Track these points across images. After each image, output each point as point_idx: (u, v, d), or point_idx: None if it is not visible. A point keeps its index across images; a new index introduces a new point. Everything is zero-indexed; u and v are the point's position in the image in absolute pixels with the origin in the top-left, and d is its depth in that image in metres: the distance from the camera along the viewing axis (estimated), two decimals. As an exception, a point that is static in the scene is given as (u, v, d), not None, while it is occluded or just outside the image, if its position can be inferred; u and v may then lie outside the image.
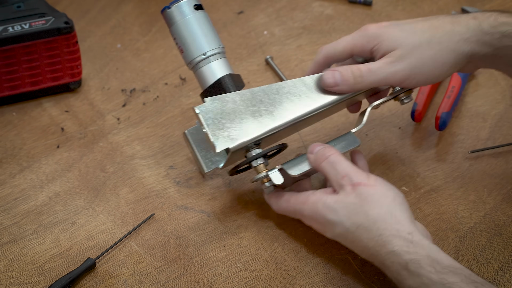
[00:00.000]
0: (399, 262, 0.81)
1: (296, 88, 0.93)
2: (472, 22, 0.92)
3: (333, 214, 0.87)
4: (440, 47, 0.91)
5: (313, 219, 0.90)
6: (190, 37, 0.94)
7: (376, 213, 0.85)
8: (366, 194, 0.86)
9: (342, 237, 0.87)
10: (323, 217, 0.88)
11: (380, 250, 0.83)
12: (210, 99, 0.90)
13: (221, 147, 0.89)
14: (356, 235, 0.85)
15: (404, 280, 0.80)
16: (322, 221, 0.88)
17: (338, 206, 0.87)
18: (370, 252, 0.84)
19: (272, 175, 0.91)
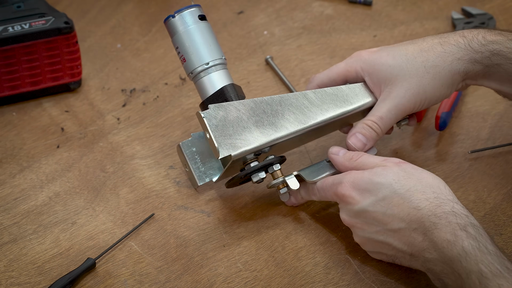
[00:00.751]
0: (457, 222, 0.80)
1: (298, 101, 0.94)
2: (461, 40, 0.94)
3: (381, 177, 0.85)
4: (436, 70, 0.94)
5: (354, 184, 0.87)
6: (193, 47, 0.94)
7: (430, 181, 0.85)
8: (412, 169, 0.86)
9: (384, 201, 0.84)
10: (368, 180, 0.86)
11: (435, 210, 0.81)
12: (214, 106, 0.90)
13: (224, 153, 0.89)
14: (405, 197, 0.83)
15: (459, 241, 0.79)
16: (365, 186, 0.86)
17: (387, 171, 0.86)
18: (420, 213, 0.82)
19: (289, 181, 0.93)
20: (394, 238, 0.85)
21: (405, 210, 0.83)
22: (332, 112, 0.95)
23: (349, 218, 0.89)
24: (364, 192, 0.86)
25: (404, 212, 0.83)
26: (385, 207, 0.84)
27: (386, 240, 0.85)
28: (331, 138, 1.07)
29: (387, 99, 0.95)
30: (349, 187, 0.87)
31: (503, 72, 0.94)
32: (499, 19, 1.26)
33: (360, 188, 0.87)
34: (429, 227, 0.81)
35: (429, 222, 0.81)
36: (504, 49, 0.92)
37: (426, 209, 0.82)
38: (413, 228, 0.83)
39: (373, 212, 0.85)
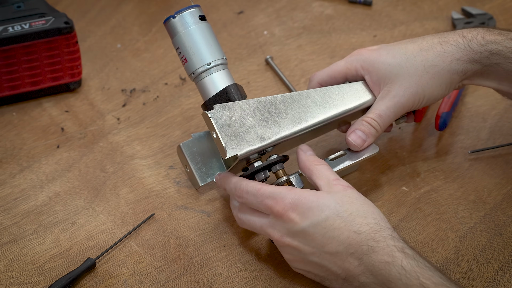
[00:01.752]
0: (395, 245, 0.80)
1: (301, 100, 0.94)
2: (461, 41, 0.95)
3: (325, 199, 0.84)
4: (435, 69, 0.94)
5: (296, 203, 0.84)
6: (194, 48, 0.94)
7: (372, 208, 0.85)
8: (356, 196, 0.86)
9: (326, 222, 0.82)
10: (311, 202, 0.84)
11: (374, 235, 0.81)
12: (219, 106, 0.91)
13: (231, 153, 0.89)
14: (347, 220, 0.82)
15: (397, 261, 0.79)
16: (307, 206, 0.84)
17: (331, 195, 0.85)
18: (360, 238, 0.81)
19: (294, 180, 0.93)
20: (329, 261, 0.83)
21: (345, 234, 0.82)
22: (334, 111, 0.96)
23: (282, 237, 0.85)
24: (306, 212, 0.84)
25: (343, 236, 0.82)
26: (325, 229, 0.83)
27: (321, 262, 0.84)
28: (331, 138, 1.07)
29: (386, 97, 0.96)
30: (290, 206, 0.84)
31: (502, 71, 0.94)
32: (499, 19, 1.26)
33: (303, 208, 0.84)
34: (366, 251, 0.81)
35: (367, 246, 0.81)
36: (503, 49, 0.93)
37: (366, 234, 0.82)
38: (350, 252, 0.82)
39: (313, 234, 0.83)
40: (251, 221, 0.89)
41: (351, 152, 0.96)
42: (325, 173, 0.89)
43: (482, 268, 0.92)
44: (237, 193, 0.89)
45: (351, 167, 0.99)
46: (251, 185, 0.88)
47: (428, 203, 0.99)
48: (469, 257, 0.93)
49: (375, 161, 1.04)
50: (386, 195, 1.00)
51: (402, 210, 0.98)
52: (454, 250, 0.94)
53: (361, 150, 0.96)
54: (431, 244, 0.94)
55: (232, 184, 0.90)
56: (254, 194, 0.87)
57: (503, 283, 0.90)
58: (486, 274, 0.91)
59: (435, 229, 0.96)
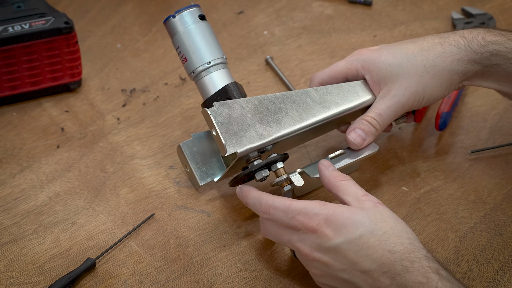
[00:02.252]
0: (430, 266, 0.79)
1: (301, 99, 0.95)
2: (461, 41, 0.95)
3: (360, 215, 0.82)
4: (436, 70, 0.94)
5: (330, 219, 0.82)
6: (194, 47, 0.94)
7: (405, 227, 0.83)
8: (389, 213, 0.84)
9: (360, 240, 0.80)
10: (346, 218, 0.81)
11: (409, 255, 0.79)
12: (219, 104, 0.91)
13: (230, 150, 0.89)
14: (381, 239, 0.80)
15: (432, 282, 0.77)
16: (343, 221, 0.81)
17: (365, 211, 0.83)
18: (393, 257, 0.79)
19: (293, 178, 0.93)
20: (360, 279, 0.81)
21: (379, 252, 0.80)
22: (334, 110, 0.96)
23: (312, 252, 0.83)
24: (340, 228, 0.81)
25: (377, 254, 0.80)
26: (359, 247, 0.80)
27: (351, 279, 0.81)
28: (331, 138, 1.07)
29: (386, 96, 0.96)
30: (323, 222, 0.82)
31: (502, 72, 0.94)
32: (499, 19, 1.26)
33: (337, 224, 0.82)
34: (400, 271, 0.79)
35: (401, 266, 0.79)
36: (504, 49, 0.93)
37: (400, 253, 0.80)
38: (383, 271, 0.80)
39: (345, 251, 0.81)
40: (279, 234, 0.86)
41: (351, 151, 0.96)
42: (352, 188, 0.86)
43: (482, 268, 0.92)
44: (263, 209, 0.86)
45: (351, 166, 0.99)
46: (279, 201, 0.85)
47: (428, 203, 0.99)
48: (469, 257, 0.93)
49: (375, 161, 1.04)
50: (386, 195, 1.00)
51: (402, 210, 0.98)
52: (454, 250, 0.94)
53: (361, 149, 0.96)
54: (431, 244, 0.94)
55: (256, 199, 0.87)
56: (284, 210, 0.84)
57: (503, 283, 0.90)
58: (486, 274, 0.91)
59: (435, 229, 0.96)
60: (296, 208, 0.83)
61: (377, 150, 0.96)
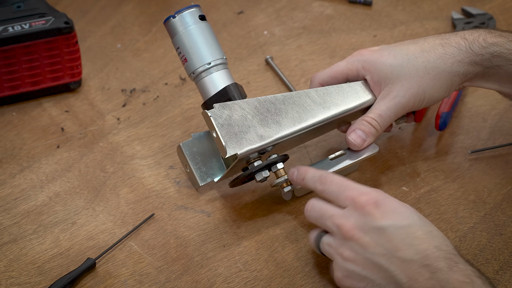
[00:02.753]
0: (473, 270, 0.78)
1: (301, 99, 0.95)
2: (462, 43, 0.95)
3: (409, 209, 0.82)
4: (436, 71, 0.95)
5: (380, 203, 0.81)
6: (194, 47, 0.94)
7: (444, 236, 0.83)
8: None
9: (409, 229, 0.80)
10: (397, 206, 0.82)
11: (454, 256, 0.79)
12: (219, 105, 0.91)
13: (231, 152, 0.89)
14: (429, 235, 0.80)
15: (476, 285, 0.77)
16: (393, 207, 0.81)
17: (413, 209, 0.83)
18: (439, 253, 0.79)
19: None
20: (398, 267, 0.79)
21: (425, 245, 0.79)
22: (334, 110, 0.96)
23: (354, 229, 0.82)
24: (389, 213, 0.81)
25: (423, 246, 0.79)
26: (406, 235, 0.79)
27: (388, 266, 0.79)
28: (331, 138, 1.07)
29: (386, 97, 0.96)
30: (374, 202, 0.82)
31: (503, 73, 0.94)
32: (499, 19, 1.26)
33: (387, 208, 0.81)
34: (442, 267, 0.77)
35: (445, 263, 0.77)
36: (505, 51, 0.93)
37: (445, 252, 0.79)
38: (425, 264, 0.78)
39: (392, 235, 0.80)
40: (323, 208, 0.85)
41: (351, 151, 0.97)
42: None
43: (482, 268, 0.92)
44: (322, 179, 0.87)
45: (351, 167, 0.99)
46: (337, 176, 0.87)
47: (428, 203, 0.99)
48: (469, 257, 0.93)
49: (375, 161, 1.04)
50: (386, 195, 1.00)
51: (402, 210, 0.98)
52: (454, 250, 0.94)
53: (361, 150, 0.96)
54: (431, 244, 0.94)
55: (316, 173, 0.89)
56: (339, 183, 0.85)
57: (503, 283, 0.90)
58: (486, 274, 0.91)
59: (435, 229, 0.96)
60: (351, 185, 0.85)
61: (377, 151, 0.96)
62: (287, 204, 0.99)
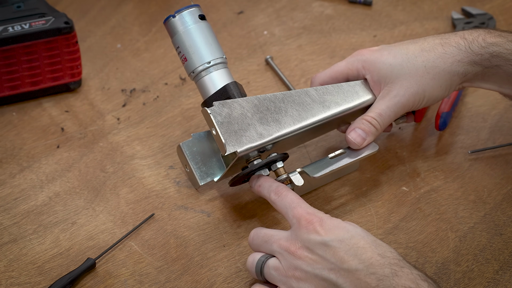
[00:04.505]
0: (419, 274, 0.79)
1: (301, 98, 0.95)
2: (462, 42, 0.95)
3: (352, 226, 0.83)
4: (436, 70, 0.95)
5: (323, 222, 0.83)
6: (194, 47, 0.94)
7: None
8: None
9: (351, 240, 0.81)
10: (339, 223, 0.83)
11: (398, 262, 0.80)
12: (218, 103, 0.91)
13: (230, 149, 0.89)
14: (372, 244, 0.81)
15: None
16: (334, 224, 0.83)
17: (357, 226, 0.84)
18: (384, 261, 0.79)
19: (294, 177, 0.93)
20: (346, 279, 0.80)
21: (369, 254, 0.80)
22: (334, 109, 0.96)
23: (302, 248, 0.83)
24: (332, 229, 0.82)
25: (367, 255, 0.80)
26: (349, 246, 0.81)
27: (337, 280, 0.80)
28: (331, 138, 1.07)
29: (386, 96, 0.96)
30: (319, 221, 0.83)
31: (502, 73, 0.94)
32: (499, 19, 1.26)
33: (330, 226, 0.83)
34: (388, 274, 0.78)
35: (390, 269, 0.79)
36: (504, 51, 0.93)
37: (390, 258, 0.80)
38: (370, 272, 0.79)
39: (336, 248, 0.81)
40: (268, 233, 0.86)
41: (351, 150, 0.97)
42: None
43: (482, 268, 0.92)
44: (277, 191, 0.89)
45: (351, 166, 1.00)
46: (292, 193, 0.88)
47: (428, 203, 0.99)
48: (469, 257, 0.93)
49: (375, 161, 1.04)
50: (386, 195, 1.00)
51: (402, 210, 0.98)
52: (454, 250, 0.94)
53: (360, 149, 0.96)
54: (431, 244, 0.94)
55: (275, 184, 0.90)
56: (291, 199, 0.87)
57: (503, 283, 0.90)
58: (486, 274, 0.91)
59: (435, 229, 0.96)
60: (301, 204, 0.86)
61: (377, 150, 0.97)
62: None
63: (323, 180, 1.01)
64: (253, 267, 0.86)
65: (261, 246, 0.86)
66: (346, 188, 1.01)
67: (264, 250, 0.86)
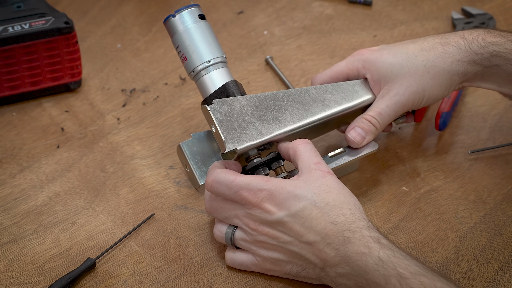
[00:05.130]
0: (371, 235, 0.81)
1: (300, 97, 0.95)
2: (461, 42, 0.95)
3: (302, 189, 0.84)
4: (436, 70, 0.95)
5: (272, 196, 0.84)
6: (193, 46, 0.94)
7: (348, 197, 0.85)
8: (334, 184, 0.85)
9: (303, 212, 0.83)
10: (288, 192, 0.84)
11: (350, 225, 0.81)
12: (218, 101, 0.91)
13: (230, 147, 0.89)
14: (323, 211, 0.82)
15: (374, 252, 0.79)
16: (284, 196, 0.84)
17: (308, 184, 0.85)
18: (336, 229, 0.81)
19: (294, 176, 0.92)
20: (307, 251, 0.83)
21: (322, 224, 0.82)
22: (333, 108, 0.96)
23: (260, 226, 0.85)
24: (282, 203, 0.84)
25: (320, 226, 0.82)
26: (303, 219, 0.83)
27: (300, 251, 0.84)
28: (331, 138, 1.07)
29: (386, 96, 0.96)
30: (266, 197, 0.84)
31: (502, 73, 0.94)
32: (499, 19, 1.26)
33: (280, 199, 0.84)
34: (342, 241, 0.81)
35: (342, 237, 0.81)
36: (504, 50, 0.93)
37: (342, 224, 0.82)
38: (327, 242, 0.82)
39: (290, 223, 0.83)
40: (225, 209, 0.88)
41: (351, 149, 0.97)
42: (307, 155, 0.88)
43: (482, 268, 0.92)
44: (208, 182, 0.88)
45: (351, 166, 1.00)
46: (223, 175, 0.87)
47: (428, 203, 0.99)
48: (469, 257, 0.93)
49: (375, 161, 1.04)
50: (386, 195, 1.00)
51: (402, 210, 0.98)
52: (454, 250, 0.94)
53: (360, 148, 0.96)
54: (431, 244, 0.94)
55: (208, 174, 0.89)
56: (227, 184, 0.86)
57: (503, 283, 0.90)
58: (486, 274, 0.91)
59: (435, 229, 0.96)
60: (240, 183, 0.85)
61: (377, 149, 0.97)
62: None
63: None
64: (223, 240, 0.89)
65: (225, 220, 0.88)
66: (346, 188, 1.01)
67: (226, 221, 0.89)
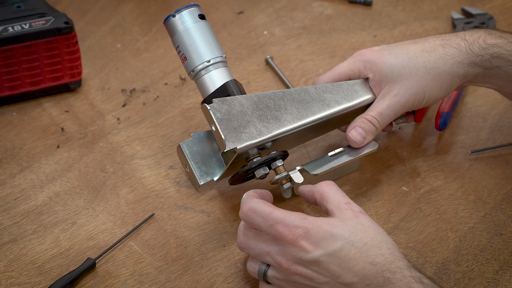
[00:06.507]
0: (412, 275, 0.78)
1: (300, 96, 0.95)
2: (462, 43, 0.95)
3: (339, 228, 0.80)
4: (437, 71, 0.95)
5: (308, 234, 0.80)
6: (193, 45, 0.94)
7: (385, 237, 0.82)
8: (369, 223, 0.82)
9: (341, 252, 0.79)
10: (325, 231, 0.80)
11: (389, 266, 0.79)
12: (218, 100, 0.91)
13: (230, 146, 0.90)
14: (362, 251, 0.79)
15: None
16: (321, 235, 0.80)
17: (345, 223, 0.81)
18: (375, 269, 0.79)
19: (293, 175, 0.93)
20: None
21: (361, 265, 0.79)
22: (333, 108, 0.96)
23: (294, 265, 0.81)
24: (319, 242, 0.80)
25: (359, 266, 0.79)
26: (340, 259, 0.79)
27: None
28: (331, 138, 1.07)
29: (387, 96, 0.96)
30: (302, 235, 0.80)
31: (503, 74, 0.94)
32: (499, 19, 1.26)
33: (316, 237, 0.80)
34: (382, 282, 0.78)
35: (382, 277, 0.78)
36: (504, 52, 0.93)
37: (381, 265, 0.79)
38: (366, 284, 0.79)
39: (327, 263, 0.79)
40: (259, 244, 0.84)
41: (351, 149, 0.97)
42: (335, 196, 0.85)
43: (482, 268, 0.92)
44: (243, 210, 0.84)
45: (351, 165, 1.00)
46: (260, 206, 0.83)
47: (428, 203, 0.99)
48: (469, 257, 0.93)
49: (375, 161, 1.04)
50: (386, 195, 1.00)
51: (402, 210, 0.98)
52: (454, 250, 0.94)
53: (360, 147, 0.96)
54: (431, 244, 0.94)
55: (242, 201, 0.87)
56: (263, 216, 0.82)
57: (503, 283, 0.90)
58: (486, 274, 0.91)
59: (435, 229, 0.96)
60: (277, 217, 0.81)
61: (377, 148, 0.97)
62: (287, 203, 0.99)
63: (323, 178, 1.00)
64: (256, 276, 0.86)
65: (257, 257, 0.84)
66: (346, 188, 1.01)
67: (258, 258, 0.85)
